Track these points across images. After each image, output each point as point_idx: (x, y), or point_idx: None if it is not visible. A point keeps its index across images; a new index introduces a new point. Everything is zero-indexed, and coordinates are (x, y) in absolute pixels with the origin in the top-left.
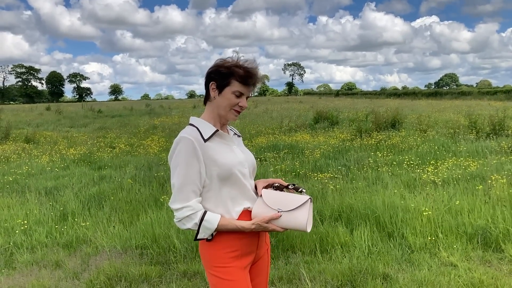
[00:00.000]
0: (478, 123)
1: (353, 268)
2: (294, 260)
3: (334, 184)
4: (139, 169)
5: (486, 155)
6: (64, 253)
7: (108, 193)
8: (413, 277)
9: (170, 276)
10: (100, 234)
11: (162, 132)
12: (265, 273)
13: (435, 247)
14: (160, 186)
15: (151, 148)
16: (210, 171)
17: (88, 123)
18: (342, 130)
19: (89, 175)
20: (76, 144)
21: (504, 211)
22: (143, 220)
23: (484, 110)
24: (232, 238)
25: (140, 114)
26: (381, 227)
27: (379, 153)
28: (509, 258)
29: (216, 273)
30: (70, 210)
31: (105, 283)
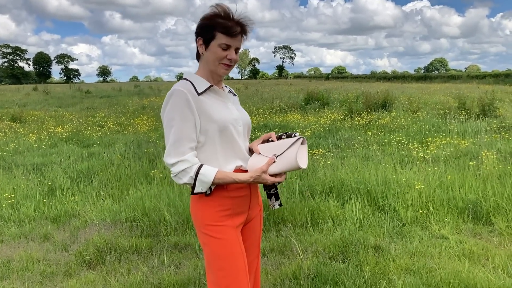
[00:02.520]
0: (467, 105)
1: (344, 239)
2: (286, 232)
3: (324, 160)
4: (129, 146)
5: (476, 134)
6: (52, 226)
7: (97, 168)
8: (405, 249)
9: (160, 248)
10: (89, 208)
11: (151, 111)
12: (257, 234)
13: (426, 221)
14: (150, 162)
15: (140, 127)
16: (204, 126)
17: (76, 103)
18: (333, 110)
19: (77, 153)
20: (64, 123)
21: (495, 186)
22: (133, 194)
23: (473, 93)
24: (223, 197)
25: (129, 94)
26: (372, 201)
27: (369, 132)
28: (499, 231)
29: (207, 231)
30: (58, 185)
31: (95, 254)
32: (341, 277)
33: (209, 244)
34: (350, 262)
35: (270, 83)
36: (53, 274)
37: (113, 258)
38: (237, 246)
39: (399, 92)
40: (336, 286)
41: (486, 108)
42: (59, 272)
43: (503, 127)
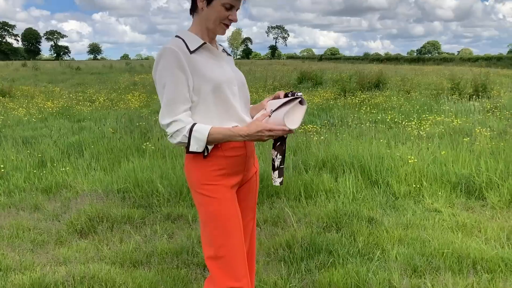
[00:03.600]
0: (461, 85)
1: (338, 211)
2: (279, 205)
3: (318, 136)
4: (120, 121)
5: (469, 114)
6: (43, 197)
7: (88, 141)
8: (398, 221)
9: (153, 219)
10: (80, 179)
11: (143, 88)
12: (253, 195)
13: (419, 195)
14: (142, 135)
15: (131, 103)
16: (197, 85)
17: (66, 79)
18: (326, 89)
19: (68, 127)
20: (54, 98)
21: (488, 162)
22: (125, 166)
23: (466, 75)
24: (218, 156)
25: (120, 71)
26: (366, 176)
27: (363, 110)
28: (491, 205)
29: (202, 191)
30: (48, 157)
31: (86, 223)
32: (334, 246)
33: (204, 204)
34: (344, 233)
35: (263, 63)
36: (44, 242)
37: (105, 227)
38: (233, 206)
39: (392, 73)
40: (330, 255)
41: (480, 89)
42: (50, 241)
43: (496, 107)
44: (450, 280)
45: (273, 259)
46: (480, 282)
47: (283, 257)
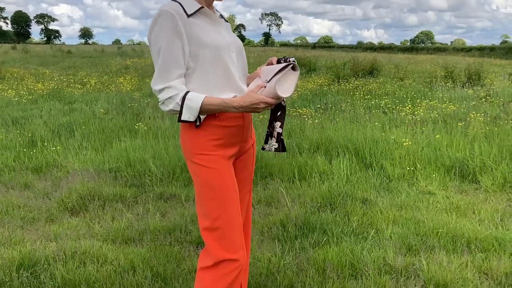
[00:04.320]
0: (454, 73)
1: (332, 191)
2: (273, 186)
3: (312, 120)
4: (111, 101)
5: (463, 101)
6: (33, 176)
7: (79, 122)
8: (392, 202)
9: (145, 198)
10: (71, 158)
11: (135, 72)
12: (250, 168)
13: (413, 178)
14: (134, 116)
15: (123, 86)
16: (194, 51)
17: (57, 62)
18: (320, 76)
19: (58, 108)
20: (45, 80)
21: (482, 146)
22: (117, 146)
23: (460, 63)
24: (215, 126)
25: (112, 55)
26: (360, 159)
27: (356, 96)
28: (484, 188)
29: (198, 160)
30: (39, 136)
31: (78, 201)
32: (329, 225)
33: (200, 174)
34: (338, 213)
35: (256, 50)
36: (34, 219)
37: (96, 205)
38: (229, 177)
39: (386, 61)
40: (324, 234)
41: (473, 77)
42: (40, 218)
43: (490, 95)
44: (445, 258)
45: (267, 237)
46: (474, 261)
47: (277, 235)
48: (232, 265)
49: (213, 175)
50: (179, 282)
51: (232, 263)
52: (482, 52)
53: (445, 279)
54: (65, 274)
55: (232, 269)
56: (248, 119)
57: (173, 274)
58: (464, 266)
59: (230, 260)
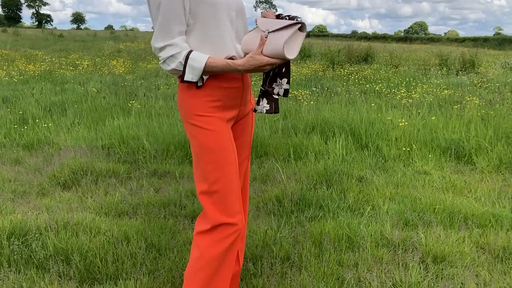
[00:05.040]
0: (449, 61)
1: (328, 169)
2: (268, 165)
3: (308, 101)
4: (104, 82)
5: (458, 87)
6: (24, 152)
7: (71, 101)
8: (388, 180)
9: (139, 174)
10: (63, 136)
11: (127, 55)
12: (249, 133)
13: (409, 158)
14: (127, 95)
15: (116, 68)
16: (193, 7)
17: (48, 45)
18: (315, 62)
19: (50, 88)
20: (36, 62)
21: (478, 128)
22: (110, 124)
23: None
24: (214, 87)
25: (105, 39)
26: (355, 139)
27: (351, 81)
28: (480, 169)
29: (196, 122)
30: (30, 114)
31: (70, 176)
32: (325, 201)
33: (198, 136)
34: (334, 189)
35: None
36: (25, 193)
37: (89, 180)
38: (228, 140)
39: (380, 49)
40: (320, 209)
41: (468, 65)
42: (31, 192)
43: (484, 82)
44: (442, 233)
45: (263, 212)
46: (471, 236)
47: (273, 210)
48: (229, 229)
49: (211, 137)
50: (174, 253)
51: (229, 227)
52: (476, 43)
53: (443, 252)
54: (57, 243)
55: (230, 233)
56: (247, 82)
57: (168, 245)
58: (462, 241)
59: (228, 224)
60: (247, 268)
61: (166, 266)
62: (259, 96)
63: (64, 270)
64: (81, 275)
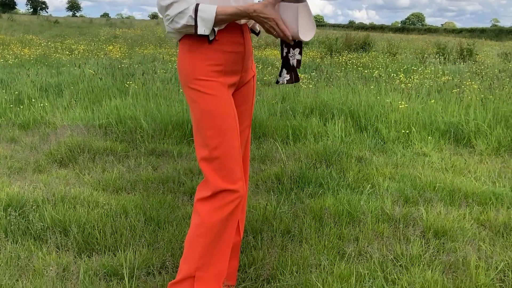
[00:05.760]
0: (446, 50)
1: (327, 149)
2: (266, 145)
3: (307, 85)
4: (101, 64)
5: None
6: (20, 132)
7: (67, 82)
8: (388, 161)
9: (137, 153)
10: (59, 116)
11: (124, 41)
12: (250, 101)
13: (408, 141)
14: (124, 77)
15: (112, 53)
16: None
17: (44, 30)
18: (313, 49)
19: (46, 71)
20: (32, 46)
21: (477, 111)
22: (107, 104)
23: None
24: (215, 50)
25: (100, 26)
26: (354, 121)
27: (349, 67)
28: (479, 151)
29: (196, 86)
30: (26, 95)
31: (67, 154)
32: (325, 179)
33: (198, 101)
34: (334, 169)
35: None
36: (21, 169)
37: (86, 158)
38: (229, 105)
39: (378, 38)
40: (320, 187)
41: (465, 53)
42: (28, 168)
43: (482, 69)
44: (443, 209)
45: (262, 190)
46: (472, 213)
47: (272, 188)
48: (231, 195)
49: (212, 101)
50: (173, 226)
51: (231, 193)
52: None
53: (444, 227)
54: (54, 215)
55: (231, 200)
56: (249, 48)
57: (167, 219)
58: (462, 217)
59: (229, 191)
60: (248, 240)
61: (166, 239)
62: (281, 68)
63: (62, 241)
64: (79, 246)
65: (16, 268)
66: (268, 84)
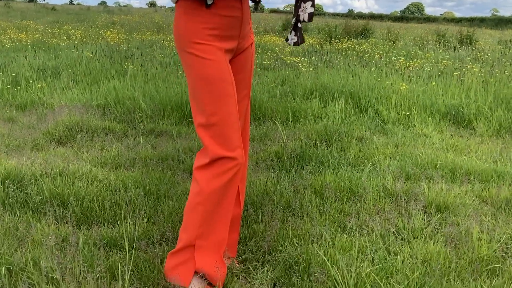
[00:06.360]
0: (446, 37)
1: (328, 129)
2: (266, 126)
3: (307, 67)
4: (99, 47)
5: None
6: (17, 112)
7: (65, 64)
8: (388, 141)
9: (136, 133)
10: (57, 97)
11: (121, 27)
12: (248, 69)
13: (408, 122)
14: (122, 59)
15: (110, 39)
16: None
17: (41, 16)
18: (312, 36)
19: (43, 55)
20: (29, 31)
21: (478, 94)
22: (105, 85)
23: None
24: (212, 14)
25: (98, 13)
26: (355, 103)
27: (349, 53)
28: (479, 133)
29: (193, 50)
30: (23, 76)
31: (64, 132)
32: (325, 157)
33: (195, 65)
34: (334, 148)
35: None
36: (19, 147)
37: (84, 136)
38: (226, 70)
39: (377, 26)
40: (320, 165)
41: (465, 40)
42: (26, 146)
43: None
44: (444, 186)
45: (262, 167)
46: (473, 189)
47: (272, 166)
48: (229, 163)
49: (209, 66)
50: (173, 200)
51: (229, 161)
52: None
53: (446, 202)
54: (53, 188)
55: (230, 167)
56: (247, 13)
57: (166, 193)
58: (464, 194)
59: (227, 158)
60: (248, 214)
61: (166, 212)
62: (290, 30)
63: (61, 214)
64: (78, 218)
65: (14, 239)
66: (268, 68)
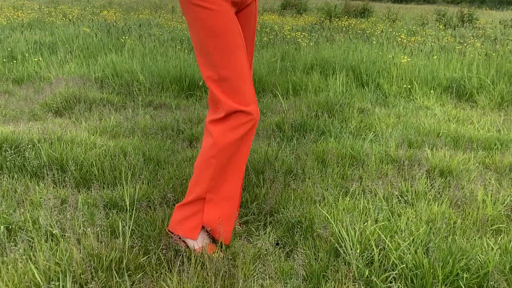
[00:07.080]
0: (447, 16)
1: (329, 100)
2: (266, 99)
3: (307, 42)
4: (96, 23)
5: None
6: (14, 86)
7: (62, 40)
8: (390, 112)
9: (134, 105)
10: (54, 71)
11: (119, 7)
12: (252, 26)
13: (410, 95)
14: (120, 34)
15: (107, 17)
16: None
17: None
18: (311, 15)
19: (40, 32)
20: (25, 9)
21: (480, 67)
22: (103, 59)
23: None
24: None
25: None
26: (356, 77)
27: (350, 32)
28: (481, 106)
29: (199, 1)
30: (19, 51)
31: (62, 103)
32: (327, 127)
33: (202, 17)
34: (336, 118)
35: None
36: (16, 117)
37: (82, 107)
38: (235, 22)
39: (377, 7)
40: (322, 134)
41: (466, 19)
42: (23, 117)
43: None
44: (448, 153)
45: (262, 137)
46: (477, 156)
47: (273, 135)
48: (245, 117)
49: (216, 17)
50: (174, 166)
51: (245, 115)
52: (472, 4)
53: (450, 167)
54: (51, 153)
55: (245, 122)
56: None
57: (166, 160)
58: (467, 160)
59: (243, 112)
60: (249, 179)
61: (166, 177)
62: None
63: (59, 178)
64: (77, 182)
65: (13, 200)
66: (267, 45)
